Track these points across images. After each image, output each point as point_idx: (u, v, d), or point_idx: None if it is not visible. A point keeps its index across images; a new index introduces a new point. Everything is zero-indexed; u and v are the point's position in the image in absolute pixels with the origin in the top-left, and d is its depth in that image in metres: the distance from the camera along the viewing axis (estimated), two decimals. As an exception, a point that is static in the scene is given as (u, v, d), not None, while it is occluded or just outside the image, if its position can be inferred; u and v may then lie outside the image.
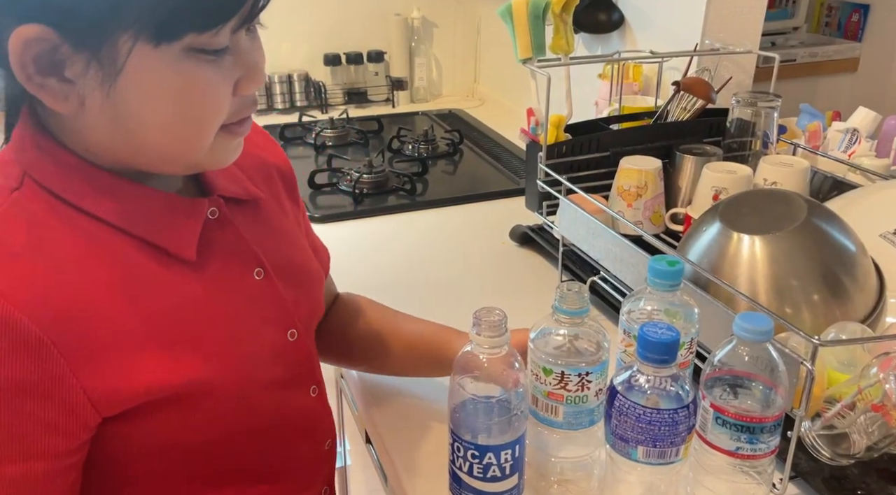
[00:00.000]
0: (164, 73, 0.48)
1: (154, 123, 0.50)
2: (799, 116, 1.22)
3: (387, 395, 0.81)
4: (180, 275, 0.55)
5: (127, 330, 0.51)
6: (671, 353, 0.54)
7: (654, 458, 0.55)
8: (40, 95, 0.48)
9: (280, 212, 0.68)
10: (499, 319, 0.54)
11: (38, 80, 0.47)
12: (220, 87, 0.50)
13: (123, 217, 0.53)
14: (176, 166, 0.55)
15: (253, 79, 0.52)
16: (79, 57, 0.47)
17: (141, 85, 0.48)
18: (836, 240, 0.74)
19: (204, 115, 0.51)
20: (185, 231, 0.56)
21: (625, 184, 0.97)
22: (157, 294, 0.53)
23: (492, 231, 1.21)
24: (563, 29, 0.99)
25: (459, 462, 0.58)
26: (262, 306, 0.61)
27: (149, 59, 0.47)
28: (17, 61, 0.46)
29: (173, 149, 0.52)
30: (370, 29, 2.03)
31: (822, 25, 2.20)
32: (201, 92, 0.49)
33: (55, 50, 0.46)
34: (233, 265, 0.59)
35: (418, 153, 1.60)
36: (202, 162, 0.55)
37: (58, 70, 0.47)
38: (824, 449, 0.61)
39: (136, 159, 0.53)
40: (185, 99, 0.49)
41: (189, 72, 0.48)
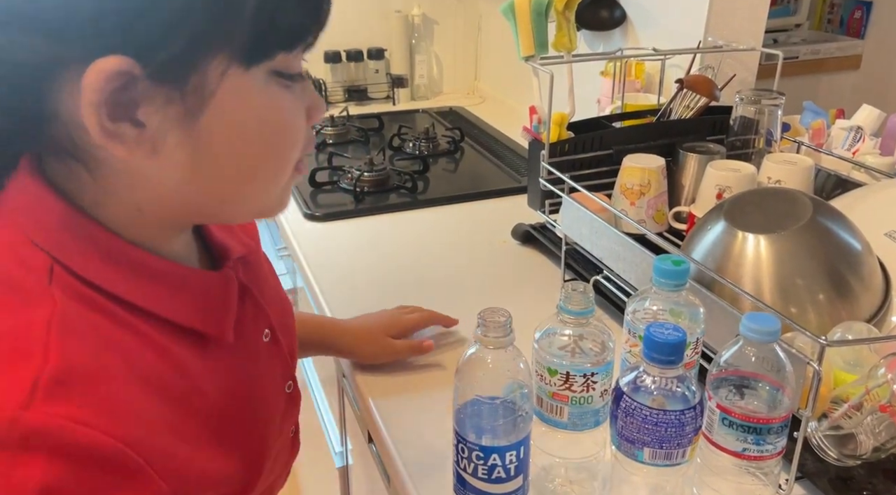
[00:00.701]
0: (253, 100, 0.43)
1: (238, 159, 0.45)
2: (802, 114, 1.21)
3: (389, 395, 0.81)
4: (216, 360, 0.50)
5: (186, 431, 0.45)
6: (678, 354, 0.53)
7: (661, 460, 0.55)
8: (110, 145, 0.41)
9: (262, 256, 0.64)
10: (504, 320, 0.54)
11: (109, 127, 0.40)
12: (299, 114, 0.47)
13: (166, 304, 0.46)
14: (245, 212, 0.50)
15: (319, 107, 0.49)
16: (158, 92, 0.40)
17: (229, 116, 0.43)
18: (842, 238, 0.73)
19: (288, 144, 0.47)
20: (225, 311, 0.50)
21: (628, 182, 0.96)
22: (202, 387, 0.47)
23: (493, 229, 1.20)
24: (565, 26, 0.99)
25: (464, 463, 0.57)
26: (272, 370, 0.57)
27: (239, 85, 0.42)
28: (92, 102, 0.39)
29: (252, 189, 0.47)
30: (371, 26, 2.02)
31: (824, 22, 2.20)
32: (286, 119, 0.46)
33: (131, 86, 0.40)
34: (252, 333, 0.55)
35: (419, 151, 1.60)
36: (271, 205, 0.50)
37: (130, 112, 0.40)
38: (831, 450, 0.61)
39: (200, 210, 0.48)
40: (273, 127, 0.45)
41: (275, 96, 0.44)
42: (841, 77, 2.04)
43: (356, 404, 0.93)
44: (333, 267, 1.10)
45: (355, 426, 1.01)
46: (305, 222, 1.26)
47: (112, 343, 0.43)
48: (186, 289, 0.48)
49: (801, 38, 2.06)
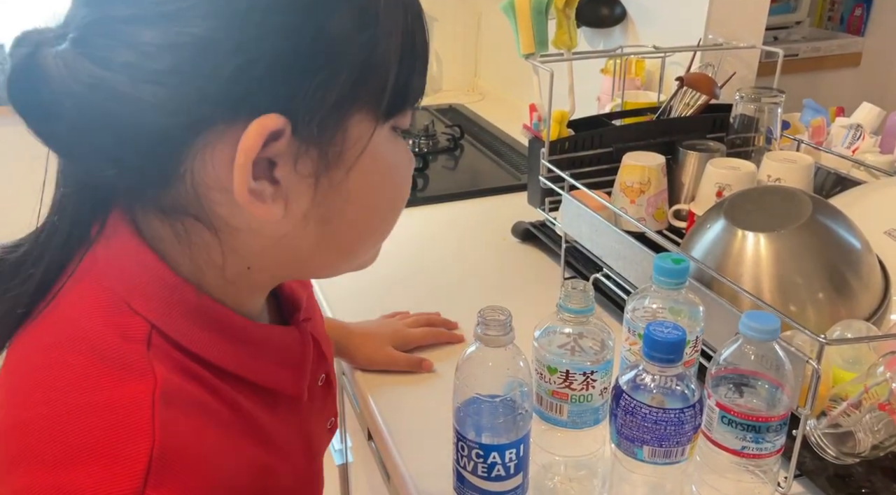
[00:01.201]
0: (386, 155, 0.43)
1: (364, 216, 0.44)
2: (802, 112, 1.21)
3: (389, 393, 0.81)
4: (287, 416, 0.49)
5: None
6: (678, 353, 0.53)
7: (660, 458, 0.55)
8: (250, 205, 0.39)
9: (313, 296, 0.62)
10: (504, 318, 0.54)
11: (252, 186, 0.38)
12: (412, 167, 0.48)
13: (250, 366, 0.45)
14: (350, 267, 0.49)
15: (412, 161, 0.49)
16: (300, 150, 0.39)
17: (367, 172, 0.42)
18: (841, 237, 0.73)
19: (404, 196, 0.47)
20: (303, 369, 0.49)
21: (628, 180, 0.96)
22: (276, 449, 0.46)
23: (493, 227, 1.20)
24: (565, 24, 0.98)
25: (464, 461, 0.57)
26: (323, 411, 0.57)
27: (377, 136, 0.42)
28: (244, 162, 0.37)
29: (369, 244, 0.47)
30: (370, 23, 2.02)
31: (824, 20, 2.19)
32: (405, 171, 0.46)
33: (274, 144, 0.38)
34: (313, 382, 0.54)
35: (419, 148, 1.60)
36: (372, 259, 0.50)
37: (268, 170, 0.39)
38: (829, 448, 0.61)
39: (310, 267, 0.47)
40: (396, 181, 0.45)
41: (399, 151, 0.45)
42: (841, 75, 2.03)
43: (356, 402, 0.93)
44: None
45: (355, 423, 1.02)
46: (305, 219, 1.26)
47: (210, 414, 0.41)
48: (269, 348, 0.47)
49: (802, 36, 2.06)
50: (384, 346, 0.85)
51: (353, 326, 0.88)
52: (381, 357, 0.84)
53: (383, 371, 0.84)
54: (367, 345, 0.85)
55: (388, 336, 0.86)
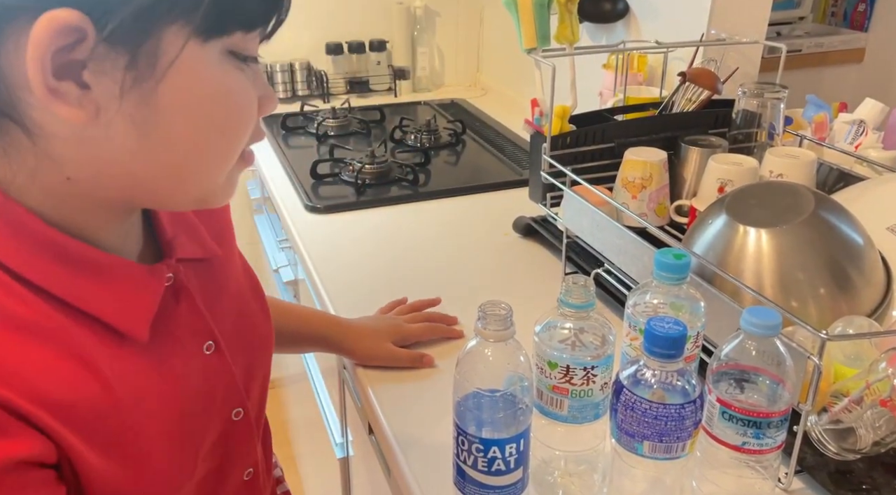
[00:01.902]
0: (207, 75, 0.43)
1: (186, 135, 0.44)
2: (805, 107, 1.21)
3: (390, 387, 0.81)
4: (129, 359, 0.47)
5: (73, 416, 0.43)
6: (678, 348, 0.53)
7: (660, 453, 0.55)
8: (52, 104, 0.39)
9: (229, 264, 0.61)
10: (505, 313, 0.54)
11: (52, 84, 0.39)
12: (251, 99, 0.46)
13: (74, 291, 0.44)
14: (186, 198, 0.48)
15: (271, 98, 0.48)
16: (109, 55, 0.39)
17: (182, 88, 0.42)
18: (844, 233, 0.73)
19: (238, 126, 0.46)
20: (141, 307, 0.48)
21: (629, 175, 0.96)
22: (104, 383, 0.44)
23: (495, 222, 1.20)
24: (568, 18, 0.98)
25: (464, 455, 0.57)
26: (209, 385, 0.54)
27: (195, 58, 0.41)
28: (38, 56, 0.38)
29: (197, 170, 0.46)
30: (372, 18, 2.01)
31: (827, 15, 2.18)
32: (238, 101, 0.45)
33: (80, 45, 0.38)
34: (184, 340, 0.52)
35: (420, 143, 1.60)
36: (214, 192, 0.48)
37: (76, 71, 0.39)
38: (830, 444, 0.61)
39: (139, 188, 0.45)
40: (224, 106, 0.44)
41: (229, 75, 0.44)
42: (844, 70, 2.03)
43: (357, 396, 0.93)
44: (334, 259, 1.10)
45: (356, 417, 1.02)
46: (307, 214, 1.26)
47: (11, 319, 0.41)
48: (102, 277, 0.46)
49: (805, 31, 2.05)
50: (384, 342, 0.85)
51: (351, 322, 0.88)
52: (382, 353, 0.84)
53: (384, 366, 0.84)
54: (367, 342, 0.85)
55: (387, 331, 0.86)
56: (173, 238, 0.53)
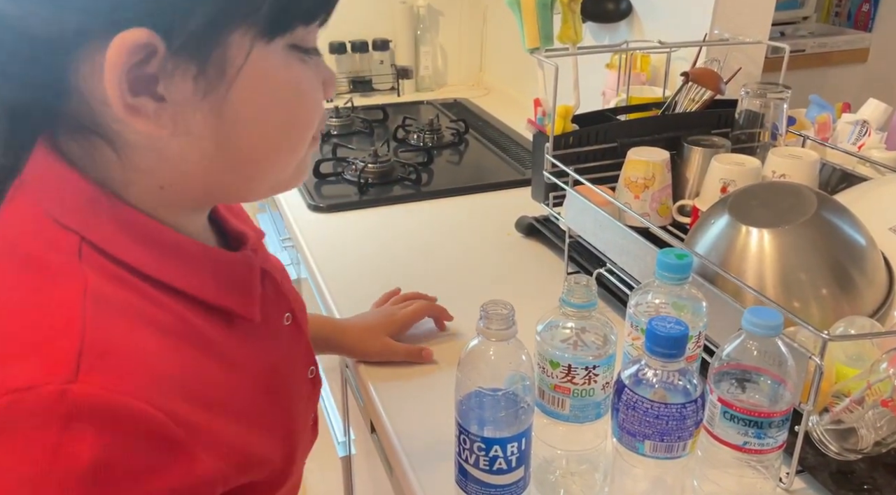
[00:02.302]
0: (275, 74, 0.44)
1: (261, 133, 0.45)
2: (808, 107, 1.21)
3: (392, 386, 0.81)
4: (244, 340, 0.50)
5: (226, 407, 0.45)
6: (680, 348, 0.53)
7: (661, 452, 0.55)
8: (130, 120, 0.40)
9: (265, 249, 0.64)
10: (507, 312, 0.54)
11: (130, 101, 0.40)
12: (317, 87, 0.47)
13: (195, 282, 0.46)
14: (266, 187, 0.49)
15: (333, 81, 0.49)
16: (179, 67, 0.40)
17: (252, 90, 0.43)
18: (846, 233, 0.73)
19: (308, 116, 0.47)
20: (250, 290, 0.50)
21: (632, 175, 0.96)
22: (235, 365, 0.47)
23: (497, 222, 1.20)
24: (571, 18, 0.98)
25: (465, 454, 0.58)
26: (294, 353, 0.58)
27: (262, 59, 0.42)
28: (115, 75, 0.39)
29: (274, 163, 0.47)
30: (375, 17, 2.02)
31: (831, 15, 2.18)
32: (306, 91, 0.46)
33: (152, 60, 0.40)
34: (275, 316, 0.55)
35: (423, 143, 1.60)
36: (290, 178, 0.50)
37: (151, 86, 0.40)
38: (832, 444, 0.61)
39: (222, 187, 0.47)
40: (294, 100, 0.45)
41: (296, 70, 0.45)
42: (848, 70, 2.03)
43: (359, 394, 0.94)
44: (337, 258, 1.11)
45: (358, 416, 1.02)
46: (309, 213, 1.26)
47: (146, 319, 0.42)
48: (213, 267, 0.48)
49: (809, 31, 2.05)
50: (380, 337, 0.84)
51: (346, 322, 0.88)
52: (378, 348, 0.84)
53: (386, 364, 0.84)
54: (362, 338, 0.85)
55: (382, 325, 0.86)
56: (237, 226, 0.56)
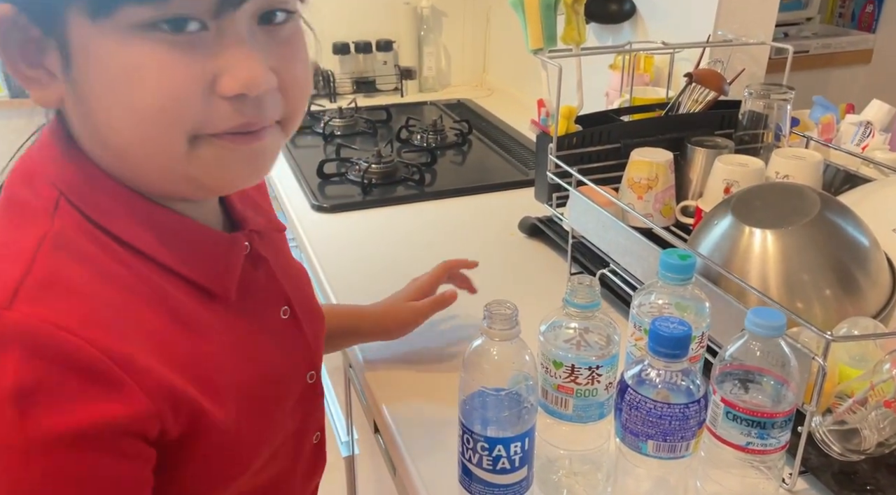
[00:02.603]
0: (109, 53, 0.41)
1: (115, 116, 0.43)
2: (812, 108, 1.21)
3: (396, 386, 0.82)
4: (218, 317, 0.50)
5: (171, 374, 0.45)
6: (683, 348, 0.53)
7: (664, 452, 0.55)
8: (27, 87, 0.44)
9: (285, 242, 0.65)
10: (510, 312, 0.54)
11: (25, 72, 0.44)
12: (178, 71, 0.41)
13: (166, 252, 0.47)
14: (171, 183, 0.47)
15: (235, 74, 0.42)
16: (49, 43, 0.43)
17: (92, 69, 0.42)
18: (849, 234, 0.73)
19: (159, 103, 0.42)
20: (228, 269, 0.51)
21: (635, 176, 0.96)
22: (197, 338, 0.48)
23: (501, 222, 1.20)
24: (574, 19, 0.98)
25: (469, 454, 0.58)
26: (289, 348, 0.58)
27: (92, 37, 0.41)
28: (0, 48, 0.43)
29: (146, 152, 0.44)
30: (379, 18, 2.02)
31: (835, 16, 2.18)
32: (152, 74, 0.41)
33: (22, 31, 0.42)
34: (264, 304, 0.56)
35: (427, 143, 1.60)
36: (198, 179, 0.46)
37: (39, 61, 0.43)
38: (835, 445, 0.61)
39: (132, 172, 0.47)
40: (136, 82, 0.41)
41: (138, 50, 0.41)
42: (852, 71, 2.02)
43: (362, 394, 0.94)
44: (341, 258, 1.11)
45: (361, 416, 1.02)
46: (313, 213, 1.27)
47: (107, 273, 0.44)
48: (192, 242, 0.49)
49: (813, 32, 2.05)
50: (405, 305, 0.84)
51: (369, 307, 0.87)
52: (408, 315, 0.83)
53: (390, 363, 0.84)
54: (391, 315, 0.84)
55: (403, 295, 0.86)
56: (243, 213, 0.56)
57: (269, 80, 0.44)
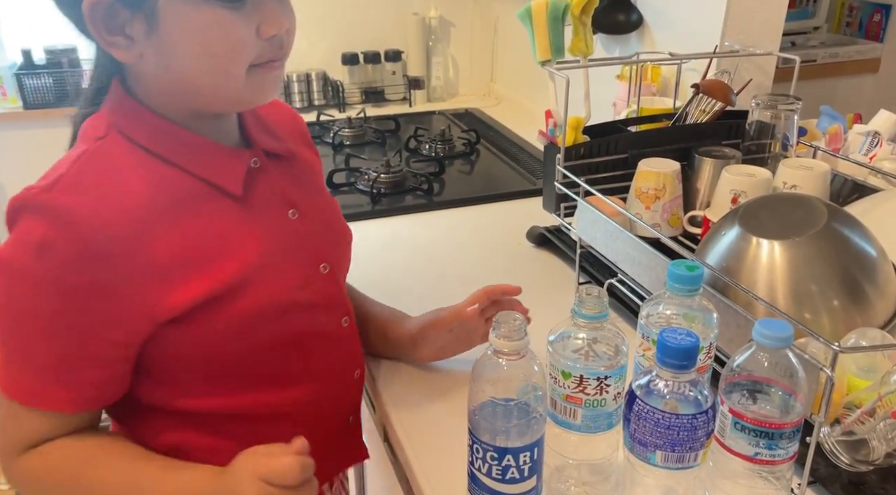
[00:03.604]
0: (189, 19, 0.59)
1: (191, 63, 0.61)
2: (819, 118, 1.21)
3: (405, 395, 0.82)
4: (227, 206, 0.67)
5: (181, 248, 0.62)
6: (691, 359, 0.54)
7: (673, 463, 0.55)
8: (111, 51, 0.61)
9: (313, 174, 0.81)
10: (518, 323, 0.55)
11: (107, 39, 0.60)
12: (239, 27, 0.60)
13: (185, 158, 0.65)
14: (223, 102, 0.66)
15: (270, 23, 0.62)
16: (131, 15, 0.59)
17: (175, 31, 0.59)
18: (857, 245, 0.73)
19: (228, 50, 0.61)
20: (233, 171, 0.67)
21: (643, 186, 0.97)
22: (208, 219, 0.65)
23: (509, 232, 1.21)
24: (582, 31, 0.99)
25: (478, 463, 0.58)
26: (296, 241, 0.71)
27: (176, 7, 0.59)
28: (89, 23, 0.59)
29: (212, 83, 0.62)
30: (388, 28, 2.04)
31: (843, 25, 2.18)
32: (223, 31, 0.60)
33: (112, 10, 0.59)
34: (270, 204, 0.70)
35: (435, 153, 1.61)
36: (244, 97, 0.65)
37: (120, 28, 0.60)
38: (843, 455, 0.61)
39: (191, 101, 0.65)
40: (210, 38, 0.60)
41: (211, 15, 0.59)
42: (860, 80, 2.02)
43: (372, 402, 0.94)
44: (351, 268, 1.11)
45: (371, 424, 1.03)
46: (322, 223, 1.27)
47: (139, 174, 0.62)
48: (207, 153, 0.66)
49: (820, 41, 2.05)
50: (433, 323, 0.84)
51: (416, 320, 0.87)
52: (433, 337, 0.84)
53: (399, 371, 0.85)
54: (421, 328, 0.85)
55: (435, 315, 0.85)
56: (256, 135, 0.72)
57: (287, 23, 0.64)
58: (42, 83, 1.95)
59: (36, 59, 1.97)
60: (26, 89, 1.94)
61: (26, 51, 1.95)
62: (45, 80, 1.95)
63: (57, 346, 0.61)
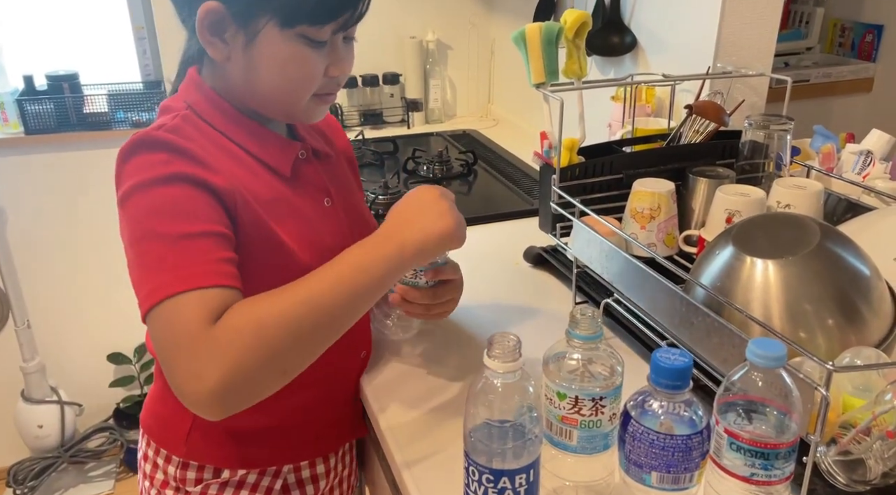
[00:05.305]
0: (280, 47, 0.72)
1: (269, 80, 0.74)
2: (812, 138, 1.22)
3: (401, 416, 0.82)
4: (278, 182, 0.79)
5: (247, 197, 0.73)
6: (685, 379, 0.54)
7: (668, 484, 0.55)
8: (208, 49, 0.73)
9: (349, 176, 0.93)
10: (513, 344, 0.55)
11: (208, 39, 0.73)
12: (314, 64, 0.74)
13: (247, 141, 0.77)
14: (279, 114, 0.79)
15: (338, 65, 0.76)
16: (234, 26, 0.72)
17: (265, 52, 0.72)
18: (850, 264, 0.74)
19: (300, 80, 0.74)
20: (285, 157, 0.80)
21: (638, 206, 0.97)
22: (264, 187, 0.77)
23: (506, 251, 1.21)
24: (576, 53, 1.00)
25: (474, 485, 0.58)
26: (329, 223, 0.83)
27: (273, 36, 0.71)
28: (199, 25, 0.71)
29: (280, 100, 0.76)
30: (386, 51, 2.06)
31: (835, 46, 2.20)
32: (300, 64, 0.73)
33: (222, 20, 0.71)
34: (311, 189, 0.83)
35: (433, 174, 1.62)
36: (297, 116, 0.79)
37: (221, 34, 0.72)
38: (840, 475, 0.61)
39: (255, 104, 0.78)
40: (289, 67, 0.73)
41: (296, 49, 0.72)
42: (853, 100, 2.04)
43: (368, 421, 0.94)
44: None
45: (367, 445, 1.02)
46: (320, 245, 1.28)
47: (214, 143, 0.75)
48: (265, 139, 0.79)
49: (813, 62, 2.07)
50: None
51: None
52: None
53: (396, 391, 0.85)
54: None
55: None
56: (304, 134, 0.86)
57: (349, 69, 0.78)
58: (43, 109, 1.96)
59: (37, 84, 1.99)
60: (28, 115, 1.95)
61: (28, 76, 1.97)
62: (46, 106, 1.96)
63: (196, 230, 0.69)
